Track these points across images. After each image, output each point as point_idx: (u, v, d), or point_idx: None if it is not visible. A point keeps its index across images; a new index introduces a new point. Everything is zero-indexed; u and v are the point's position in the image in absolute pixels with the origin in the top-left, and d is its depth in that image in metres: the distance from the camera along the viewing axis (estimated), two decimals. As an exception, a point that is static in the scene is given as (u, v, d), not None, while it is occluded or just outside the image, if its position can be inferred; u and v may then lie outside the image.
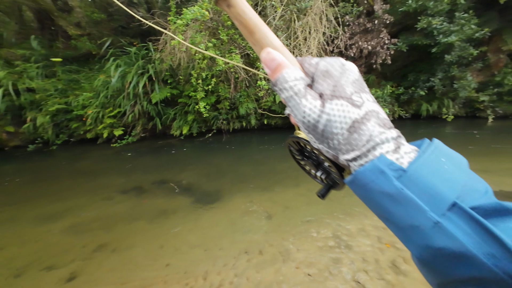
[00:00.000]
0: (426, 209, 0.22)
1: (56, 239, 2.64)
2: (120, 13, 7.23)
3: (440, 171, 0.23)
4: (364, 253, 2.30)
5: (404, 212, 0.23)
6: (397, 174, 0.23)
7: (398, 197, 0.23)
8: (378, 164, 0.24)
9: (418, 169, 0.23)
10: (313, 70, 0.29)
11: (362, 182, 0.26)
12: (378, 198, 0.25)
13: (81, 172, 4.57)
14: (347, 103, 0.26)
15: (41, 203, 3.41)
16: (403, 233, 0.25)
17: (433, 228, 0.22)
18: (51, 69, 6.65)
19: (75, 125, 6.09)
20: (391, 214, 0.24)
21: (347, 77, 0.28)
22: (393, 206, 0.24)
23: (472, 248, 0.20)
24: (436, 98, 7.73)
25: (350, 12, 6.51)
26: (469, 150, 5.27)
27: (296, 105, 0.28)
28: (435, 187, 0.22)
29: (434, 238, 0.22)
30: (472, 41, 6.93)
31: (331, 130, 0.27)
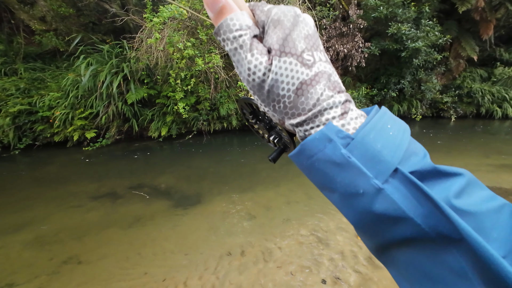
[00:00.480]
0: (370, 176, 0.22)
1: (17, 253, 2.40)
2: (90, 8, 6.81)
3: (386, 137, 0.23)
4: (343, 249, 2.39)
5: (349, 180, 0.22)
6: (345, 142, 0.23)
7: (344, 166, 0.22)
8: (326, 133, 0.23)
9: (365, 136, 0.22)
10: (263, 19, 0.24)
11: (310, 153, 0.24)
12: (324, 168, 0.23)
13: (48, 179, 4.21)
14: (296, 61, 0.23)
15: (0, 214, 3.08)
16: (346, 201, 0.24)
17: (376, 194, 0.22)
18: (11, 66, 6.07)
19: (40, 127, 5.60)
20: (336, 183, 0.23)
21: (299, 30, 0.24)
22: (339, 175, 0.23)
23: (408, 211, 0.21)
24: (405, 99, 8.28)
25: (327, 16, 6.74)
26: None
27: (241, 60, 0.24)
28: (380, 154, 0.22)
29: (376, 204, 0.22)
30: (436, 46, 7.53)
31: (277, 92, 0.24)
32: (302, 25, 0.24)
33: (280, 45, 0.23)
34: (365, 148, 0.22)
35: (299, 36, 0.24)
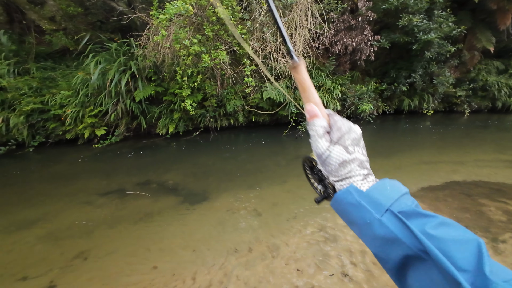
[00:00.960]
0: (372, 211, 0.37)
1: (31, 247, 2.49)
2: (98, 7, 6.88)
3: (383, 192, 0.39)
4: (351, 246, 2.35)
5: (361, 214, 0.38)
6: (358, 194, 0.40)
7: (357, 206, 0.39)
8: (349, 189, 0.41)
9: (370, 191, 0.39)
10: (332, 123, 0.45)
11: (339, 198, 0.42)
12: (347, 208, 0.40)
13: (59, 175, 4.33)
14: (343, 150, 0.43)
15: (14, 210, 3.19)
16: (361, 230, 0.39)
17: (377, 223, 0.36)
18: (24, 66, 6.23)
19: (52, 125, 5.75)
20: (353, 217, 0.40)
21: (349, 135, 0.44)
22: (354, 211, 0.39)
23: (398, 234, 0.34)
24: (416, 93, 8.02)
25: (335, 9, 6.57)
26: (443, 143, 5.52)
27: (315, 141, 0.45)
28: (378, 200, 0.38)
29: (378, 229, 0.36)
30: (449, 38, 7.23)
31: (329, 162, 0.43)
32: (352, 132, 0.44)
33: (337, 139, 0.43)
34: (369, 197, 0.39)
35: (348, 138, 0.43)
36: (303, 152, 5.37)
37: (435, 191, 3.34)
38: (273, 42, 5.68)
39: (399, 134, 6.38)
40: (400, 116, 8.14)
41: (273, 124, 7.18)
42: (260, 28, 5.68)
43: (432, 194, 3.26)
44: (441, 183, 3.57)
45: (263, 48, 5.79)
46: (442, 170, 4.02)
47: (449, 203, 3.03)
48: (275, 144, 5.74)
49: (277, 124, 7.09)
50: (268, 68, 6.06)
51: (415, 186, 3.47)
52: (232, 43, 5.59)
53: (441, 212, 2.86)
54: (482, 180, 3.62)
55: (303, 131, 6.41)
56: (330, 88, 6.74)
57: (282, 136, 6.18)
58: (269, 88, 6.09)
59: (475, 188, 3.39)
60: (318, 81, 6.67)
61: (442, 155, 4.78)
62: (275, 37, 5.72)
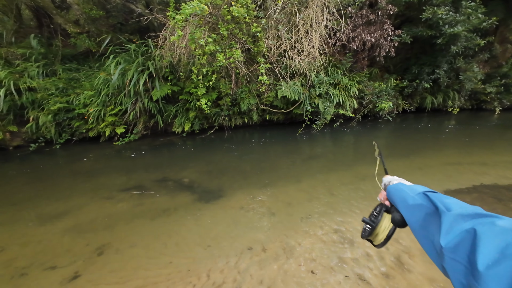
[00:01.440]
0: (409, 192, 0.64)
1: (58, 239, 2.65)
2: (118, 9, 7.14)
3: (416, 186, 0.68)
4: (368, 249, 2.27)
5: (401, 194, 0.66)
6: (402, 185, 0.72)
7: (400, 190, 0.69)
8: (397, 184, 0.75)
9: (410, 185, 0.71)
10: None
11: (390, 189, 0.75)
12: (395, 192, 0.71)
13: (83, 171, 4.57)
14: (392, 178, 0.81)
15: (43, 203, 3.41)
16: (400, 204, 0.66)
17: (410, 198, 0.62)
18: (51, 67, 6.62)
19: (77, 123, 6.08)
20: (399, 198, 0.67)
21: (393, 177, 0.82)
22: (399, 194, 0.68)
23: (422, 202, 0.57)
24: (441, 90, 7.59)
25: (353, 4, 6.35)
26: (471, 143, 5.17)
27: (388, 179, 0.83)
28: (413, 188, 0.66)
29: (410, 201, 0.61)
30: (478, 31, 6.74)
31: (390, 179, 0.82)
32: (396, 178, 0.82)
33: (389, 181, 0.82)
34: (408, 186, 0.69)
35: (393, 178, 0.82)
36: (319, 151, 5.26)
37: (461, 195, 3.14)
38: (288, 39, 5.60)
39: (421, 133, 6.06)
40: (422, 115, 7.74)
41: (288, 123, 7.10)
42: (275, 26, 5.62)
43: (458, 198, 3.06)
44: (468, 186, 3.35)
45: (277, 46, 5.73)
46: (469, 172, 3.77)
47: (477, 208, 2.83)
48: (289, 143, 5.68)
49: (292, 123, 7.01)
50: (283, 66, 6.00)
51: (438, 189, 3.28)
52: (246, 41, 5.58)
53: (468, 217, 2.68)
54: (511, 184, 3.35)
55: (317, 129, 6.28)
56: (347, 85, 6.55)
57: (296, 135, 6.10)
58: (283, 86, 6.03)
59: (506, 192, 3.15)
60: (334, 79, 6.50)
61: (470, 156, 4.48)
62: (290, 34, 5.64)
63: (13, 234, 2.76)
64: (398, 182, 0.75)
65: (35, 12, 7.52)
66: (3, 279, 2.14)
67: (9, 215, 3.13)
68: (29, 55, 6.49)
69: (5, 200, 3.56)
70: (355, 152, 5.15)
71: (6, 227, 2.89)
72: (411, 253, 2.19)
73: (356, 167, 4.10)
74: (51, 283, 2.09)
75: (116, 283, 2.06)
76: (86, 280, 2.10)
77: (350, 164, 4.31)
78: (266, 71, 5.70)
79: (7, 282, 2.11)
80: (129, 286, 2.02)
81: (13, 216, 3.12)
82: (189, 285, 2.01)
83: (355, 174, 3.83)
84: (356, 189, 3.38)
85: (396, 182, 0.77)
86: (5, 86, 5.71)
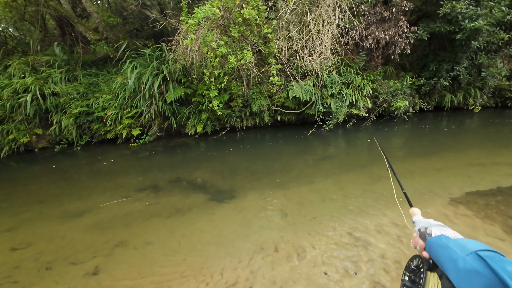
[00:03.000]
0: (458, 251, 0.52)
1: (80, 235, 2.79)
2: (134, 16, 7.43)
3: (467, 242, 0.55)
4: (384, 253, 2.21)
5: (451, 253, 0.54)
6: (446, 239, 0.59)
7: (445, 248, 0.57)
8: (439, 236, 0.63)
9: (458, 239, 0.58)
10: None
11: (432, 244, 0.62)
12: (439, 250, 0.58)
13: (102, 171, 4.78)
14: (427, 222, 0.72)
15: (66, 201, 3.61)
16: (446, 265, 0.54)
17: (461, 259, 0.50)
18: (73, 73, 7.00)
19: (96, 126, 6.38)
20: (446, 257, 0.55)
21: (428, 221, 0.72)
22: (444, 252, 0.56)
23: (479, 269, 0.46)
24: (461, 88, 7.24)
25: (366, 1, 6.22)
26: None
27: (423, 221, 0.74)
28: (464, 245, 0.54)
29: (461, 264, 0.49)
30: (502, 24, 6.38)
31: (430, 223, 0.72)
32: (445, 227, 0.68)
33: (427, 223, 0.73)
34: (456, 242, 0.56)
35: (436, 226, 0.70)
36: (332, 152, 5.19)
37: (485, 197, 2.98)
38: (299, 40, 5.58)
39: (440, 132, 5.81)
40: (441, 114, 7.42)
41: (300, 123, 7.05)
42: (286, 27, 5.62)
43: (481, 200, 2.92)
44: (492, 187, 3.17)
45: (289, 47, 5.72)
46: (493, 173, 3.57)
47: (503, 211, 2.68)
48: (301, 143, 5.64)
49: (304, 123, 6.95)
50: (294, 66, 5.97)
51: (459, 190, 3.14)
52: (257, 43, 5.62)
53: (494, 221, 2.54)
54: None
55: (328, 129, 6.20)
56: (360, 85, 6.41)
57: (308, 135, 6.05)
58: (295, 86, 6.00)
59: (535, 194, 2.95)
60: (347, 78, 6.39)
61: (494, 156, 4.24)
62: (301, 34, 5.61)
63: (39, 230, 2.94)
64: (440, 234, 0.63)
65: (59, 21, 7.98)
66: (31, 272, 2.29)
67: (36, 212, 3.34)
68: (53, 62, 6.90)
69: (32, 198, 3.81)
70: (369, 152, 5.02)
71: (34, 224, 3.08)
72: (429, 257, 2.11)
73: (370, 168, 4.00)
74: (74, 277, 2.20)
75: (134, 279, 2.14)
76: (106, 275, 2.20)
77: (364, 165, 4.21)
78: (277, 72, 5.71)
79: (34, 275, 2.25)
80: (147, 281, 2.10)
81: (40, 213, 3.33)
82: (202, 283, 2.05)
83: (369, 175, 3.74)
84: (370, 190, 3.30)
85: (435, 230, 0.65)
86: (32, 91, 6.11)
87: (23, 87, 6.19)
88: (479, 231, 2.39)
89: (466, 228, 2.44)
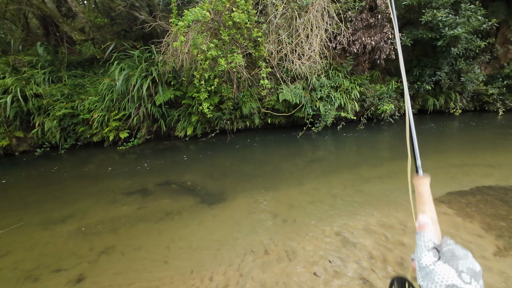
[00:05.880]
0: None
1: (64, 242, 2.68)
2: (122, 17, 7.30)
3: None
4: (371, 251, 2.27)
5: None
6: None
7: None
8: None
9: None
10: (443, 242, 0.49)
11: None
12: None
13: (88, 175, 4.63)
14: (454, 272, 0.44)
15: (49, 207, 3.47)
16: None
17: None
18: (57, 74, 6.77)
19: (81, 128, 6.18)
20: None
21: (465, 262, 0.45)
22: None
23: None
24: (442, 92, 7.56)
25: (353, 8, 6.42)
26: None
27: (421, 252, 0.48)
28: None
29: None
30: (479, 32, 6.75)
31: (433, 277, 0.45)
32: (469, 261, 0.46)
33: (447, 259, 0.46)
34: None
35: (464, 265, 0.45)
36: (321, 154, 5.27)
37: (466, 196, 3.13)
38: (289, 44, 5.67)
39: (424, 135, 6.04)
40: (425, 117, 7.71)
41: (290, 126, 7.13)
42: (275, 31, 5.69)
43: (462, 200, 3.05)
44: (472, 187, 3.33)
45: (278, 51, 5.80)
46: (473, 174, 3.74)
47: (482, 210, 2.81)
48: (291, 146, 5.69)
49: (294, 126, 7.03)
50: (284, 69, 6.05)
51: (442, 190, 3.27)
52: (247, 46, 5.66)
53: (473, 219, 2.67)
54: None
55: (317, 132, 6.30)
56: (348, 88, 6.57)
57: (298, 138, 6.12)
58: (285, 90, 6.07)
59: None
60: (335, 82, 6.53)
61: (473, 157, 4.45)
62: (290, 38, 5.70)
63: (19, 238, 2.80)
64: None
65: (42, 20, 7.72)
66: (10, 283, 2.18)
67: (16, 219, 3.19)
68: (36, 62, 6.64)
69: (12, 204, 3.63)
70: (357, 154, 5.14)
71: (13, 231, 2.93)
72: (414, 255, 2.18)
73: (358, 170, 4.10)
74: (57, 285, 2.12)
75: (120, 286, 2.08)
76: (91, 282, 2.12)
77: (353, 167, 4.31)
78: (267, 75, 5.76)
79: (13, 285, 2.15)
80: (133, 288, 2.04)
81: (20, 219, 3.17)
82: (192, 287, 2.02)
83: (357, 176, 3.83)
84: (358, 191, 3.38)
85: None
86: (12, 92, 5.84)
87: (3, 88, 5.92)
88: (460, 229, 2.50)
89: (448, 227, 2.54)
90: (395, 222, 2.66)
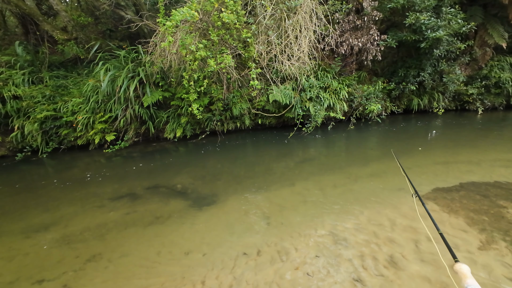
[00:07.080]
0: None
1: (46, 251, 2.55)
2: (107, 16, 7.09)
3: None
4: (362, 250, 2.30)
5: None
6: None
7: None
8: None
9: None
10: None
11: None
12: None
13: (72, 180, 4.45)
14: None
15: (30, 214, 3.29)
16: None
17: None
18: (38, 75, 6.47)
19: (65, 131, 5.93)
20: None
21: None
22: None
23: None
24: (426, 92, 7.85)
25: (340, 10, 6.54)
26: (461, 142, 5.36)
27: None
28: None
29: None
30: (459, 35, 7.07)
31: None
32: None
33: None
34: None
35: None
36: (312, 154, 5.32)
37: (450, 192, 3.24)
38: (278, 45, 5.70)
39: (410, 134, 6.24)
40: (410, 116, 7.97)
41: (280, 127, 7.16)
42: (265, 32, 5.71)
43: (447, 195, 3.17)
44: (456, 184, 3.46)
45: (268, 51, 5.81)
46: (456, 171, 3.90)
47: (465, 205, 2.93)
48: (282, 146, 5.72)
49: (284, 126, 7.06)
50: (274, 70, 6.07)
51: (428, 187, 3.38)
52: (237, 47, 5.64)
53: (458, 214, 2.77)
54: (499, 180, 3.49)
55: (307, 132, 6.36)
56: (337, 89, 6.68)
57: (289, 138, 6.16)
58: (275, 90, 6.09)
59: (492, 189, 3.27)
60: (324, 82, 6.63)
61: (456, 155, 4.64)
62: (280, 39, 5.73)
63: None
64: None
65: (21, 19, 7.36)
66: (-13, 296, 2.04)
67: (-7, 228, 3.00)
68: (14, 63, 6.32)
69: (-12, 213, 3.42)
70: (347, 154, 5.23)
71: (-11, 241, 2.76)
72: (404, 253, 2.23)
73: (348, 169, 4.17)
74: (39, 298, 2.01)
75: (108, 295, 2.00)
76: (77, 293, 2.03)
77: (342, 166, 4.38)
78: (257, 76, 5.76)
79: (-9, 299, 2.02)
80: (122, 297, 1.97)
81: (-3, 229, 2.99)
82: (184, 293, 1.97)
83: (347, 175, 3.89)
84: (349, 190, 3.43)
85: None
86: (-11, 94, 5.53)
87: (-22, 90, 5.59)
88: (445, 224, 2.58)
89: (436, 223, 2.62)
90: (384, 220, 2.72)
